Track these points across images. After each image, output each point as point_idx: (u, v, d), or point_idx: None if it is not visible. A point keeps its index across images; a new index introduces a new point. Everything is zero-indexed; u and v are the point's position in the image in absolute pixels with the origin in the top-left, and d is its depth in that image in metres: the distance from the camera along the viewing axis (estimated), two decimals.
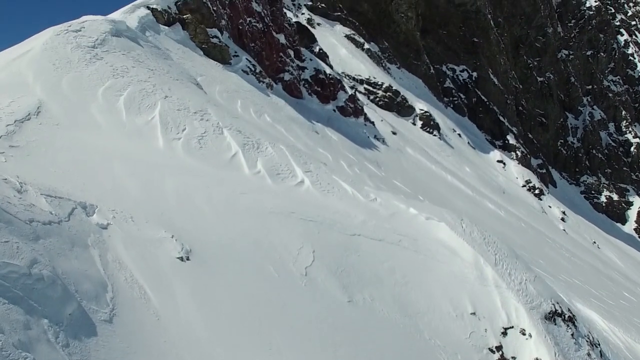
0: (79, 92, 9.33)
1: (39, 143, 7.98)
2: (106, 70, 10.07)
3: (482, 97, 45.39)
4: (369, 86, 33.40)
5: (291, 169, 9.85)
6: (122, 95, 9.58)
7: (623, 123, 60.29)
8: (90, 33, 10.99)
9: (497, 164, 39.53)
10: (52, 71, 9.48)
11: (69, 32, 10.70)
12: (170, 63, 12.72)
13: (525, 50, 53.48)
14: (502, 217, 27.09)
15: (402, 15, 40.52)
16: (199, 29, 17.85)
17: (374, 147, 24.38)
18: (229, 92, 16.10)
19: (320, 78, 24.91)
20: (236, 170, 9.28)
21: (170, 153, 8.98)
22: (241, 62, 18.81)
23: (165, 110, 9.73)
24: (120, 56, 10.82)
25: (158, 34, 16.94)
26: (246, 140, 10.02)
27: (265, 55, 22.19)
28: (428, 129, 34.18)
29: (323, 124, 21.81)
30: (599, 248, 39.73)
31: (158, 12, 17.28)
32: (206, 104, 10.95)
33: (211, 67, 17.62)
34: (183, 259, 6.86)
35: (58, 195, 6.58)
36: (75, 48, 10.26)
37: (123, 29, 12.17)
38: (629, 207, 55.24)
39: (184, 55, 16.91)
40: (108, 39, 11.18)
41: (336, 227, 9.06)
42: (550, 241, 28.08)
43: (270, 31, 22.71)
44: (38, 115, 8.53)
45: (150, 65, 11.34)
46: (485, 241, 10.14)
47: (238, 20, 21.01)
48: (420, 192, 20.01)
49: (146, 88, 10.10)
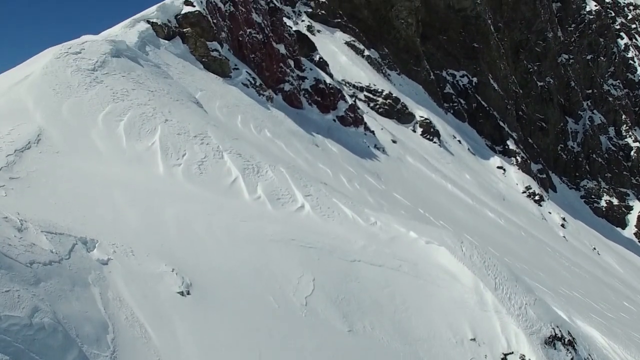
0: (79, 117, 9.33)
1: (39, 173, 7.98)
2: (106, 94, 10.07)
3: (482, 103, 45.40)
4: (369, 93, 33.41)
5: (291, 193, 9.86)
6: (122, 121, 9.58)
7: (623, 127, 60.30)
8: (90, 55, 10.99)
9: (497, 170, 39.54)
10: (52, 97, 9.48)
11: (69, 54, 10.70)
12: (170, 82, 12.72)
13: (526, 55, 53.49)
14: (502, 226, 27.09)
15: (402, 21, 40.53)
16: (199, 42, 17.85)
17: (374, 157, 24.39)
18: (229, 107, 16.12)
19: (320, 88, 24.93)
20: (236, 196, 9.28)
21: (171, 179, 8.98)
22: (241, 75, 18.82)
23: (165, 134, 9.74)
24: (121, 78, 10.82)
25: (158, 48, 16.97)
26: (246, 165, 10.02)
27: (266, 66, 22.21)
28: (428, 136, 34.19)
29: (323, 135, 21.82)
30: (599, 254, 39.76)
31: (158, 26, 17.29)
32: (206, 125, 10.95)
33: (211, 81, 17.64)
34: (183, 293, 6.86)
35: (59, 231, 6.59)
36: (76, 71, 10.26)
37: (123, 49, 12.17)
38: (629, 211, 55.26)
39: (184, 70, 16.93)
40: (108, 61, 11.18)
41: (336, 254, 9.06)
42: (550, 250, 28.09)
43: (270, 42, 22.72)
44: (38, 143, 8.54)
45: (150, 87, 11.34)
46: (485, 265, 10.14)
47: (238, 32, 21.02)
48: (420, 204, 20.00)
49: (146, 112, 10.10)
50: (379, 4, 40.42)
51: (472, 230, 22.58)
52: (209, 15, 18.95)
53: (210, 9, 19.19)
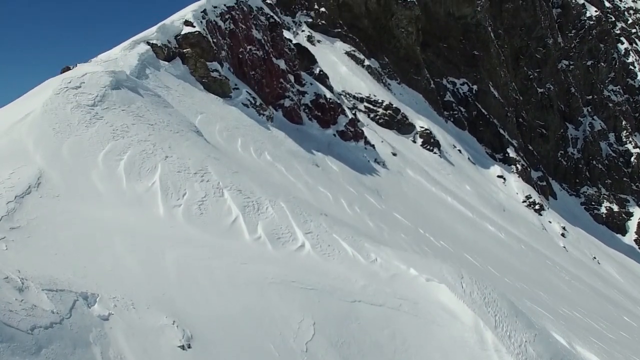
0: (79, 158, 9.33)
1: (39, 220, 7.99)
2: (106, 132, 10.06)
3: (483, 111, 45.42)
4: (370, 104, 33.42)
5: (292, 231, 9.86)
6: (123, 160, 9.58)
7: (623, 133, 60.31)
8: (90, 89, 10.99)
9: (497, 180, 39.56)
10: (52, 136, 9.48)
11: (69, 89, 10.69)
12: (170, 112, 12.72)
13: (526, 61, 53.51)
14: (502, 239, 27.10)
15: (402, 30, 40.53)
16: (199, 63, 17.86)
17: (374, 172, 24.40)
18: (229, 130, 16.14)
19: (320, 103, 24.95)
20: (237, 236, 9.29)
21: (171, 222, 8.98)
22: (241, 95, 18.82)
23: (165, 173, 9.74)
24: (121, 113, 10.82)
25: (158, 70, 16.98)
26: (246, 202, 10.02)
27: (266, 83, 22.23)
28: (428, 146, 34.20)
29: (324, 152, 21.83)
30: (599, 264, 39.78)
31: (158, 48, 17.29)
32: (206, 159, 10.96)
33: (211, 102, 17.65)
34: (184, 347, 6.86)
35: (59, 287, 6.59)
36: (76, 108, 10.25)
37: (123, 79, 12.17)
38: (629, 217, 55.27)
39: (184, 92, 16.95)
40: (108, 94, 11.18)
41: (337, 295, 9.06)
42: (550, 263, 28.10)
43: (270, 58, 22.74)
44: (38, 187, 8.54)
45: (150, 119, 11.34)
46: (485, 302, 10.14)
47: (238, 49, 21.03)
48: (420, 222, 20.00)
49: (146, 149, 10.10)
50: (379, 13, 40.42)
51: (472, 246, 22.58)
52: (209, 35, 18.95)
53: (210, 29, 19.20)
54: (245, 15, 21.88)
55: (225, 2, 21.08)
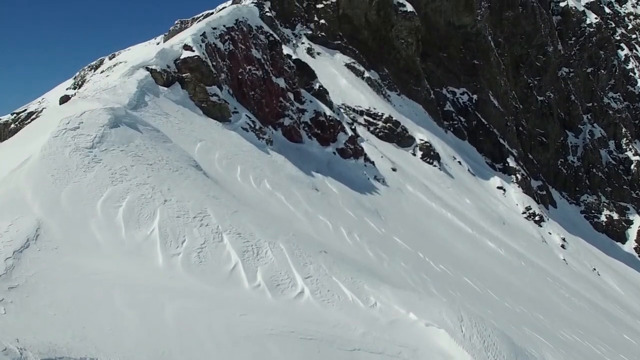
0: (78, 206, 9.31)
1: (38, 277, 7.97)
2: (105, 176, 10.04)
3: (482, 120, 45.42)
4: (369, 117, 33.43)
5: (291, 276, 9.84)
6: (121, 207, 9.55)
7: (623, 140, 60.33)
8: (88, 129, 10.97)
9: (497, 191, 39.57)
10: (51, 184, 9.46)
11: (67, 130, 10.66)
12: (169, 147, 12.70)
13: (526, 69, 53.53)
14: (502, 256, 27.10)
15: (402, 41, 40.53)
16: (198, 88, 17.84)
17: (374, 191, 24.38)
18: (228, 158, 16.11)
19: (320, 120, 24.94)
20: (236, 285, 9.26)
21: (170, 272, 8.96)
22: (241, 119, 18.79)
23: (164, 219, 9.71)
24: (119, 154, 10.79)
25: (157, 96, 16.97)
26: (246, 246, 10.01)
27: (265, 103, 22.22)
28: (428, 159, 34.20)
29: (323, 172, 21.81)
30: (599, 275, 39.78)
31: (157, 73, 17.27)
32: (205, 200, 10.94)
33: (211, 128, 17.63)
34: None
35: (58, 355, 6.56)
36: (74, 151, 10.23)
37: (121, 116, 12.15)
38: (629, 225, 55.30)
39: (184, 118, 16.93)
40: (107, 134, 11.16)
41: (336, 344, 9.04)
42: (550, 279, 28.09)
43: (270, 77, 22.72)
44: (37, 239, 8.52)
45: (149, 158, 11.32)
46: (484, 345, 10.13)
47: (238, 70, 21.01)
48: (420, 245, 19.99)
49: (145, 193, 10.08)
50: (379, 25, 40.41)
51: (472, 266, 22.58)
52: (209, 58, 18.93)
53: (210, 52, 19.18)
54: (244, 35, 21.86)
55: (224, 22, 21.06)
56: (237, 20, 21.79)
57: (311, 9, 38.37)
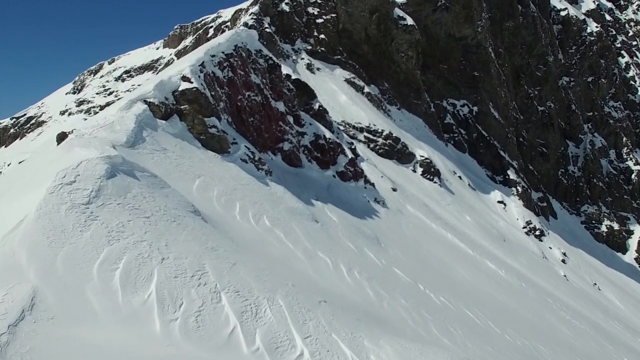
0: (74, 270, 9.17)
1: (33, 353, 7.82)
2: (102, 236, 9.91)
3: (483, 132, 45.33)
4: (369, 134, 33.32)
5: (290, 337, 9.71)
6: (118, 269, 9.41)
7: (624, 150, 60.23)
8: (85, 183, 10.84)
9: (497, 205, 39.46)
10: (46, 247, 9.32)
11: (63, 185, 10.53)
12: (167, 192, 12.58)
13: (526, 79, 53.42)
14: (502, 278, 27.00)
15: (402, 54, 40.41)
16: (197, 119, 17.71)
17: (374, 214, 24.29)
18: (227, 194, 16.00)
19: (320, 144, 24.82)
20: (235, 350, 9.12)
21: (168, 339, 8.81)
22: (240, 150, 18.67)
23: (162, 281, 9.58)
24: (116, 208, 10.67)
25: (155, 130, 16.85)
26: (244, 306, 9.88)
27: (265, 128, 22.11)
28: (428, 175, 34.10)
29: (323, 199, 21.71)
30: (599, 290, 39.69)
31: (155, 106, 17.14)
32: (204, 255, 10.82)
33: (209, 161, 17.51)
34: None
35: None
36: (70, 209, 10.10)
37: (118, 163, 12.04)
38: (630, 236, 55.21)
39: (182, 153, 16.82)
40: (103, 186, 11.03)
41: None
42: (550, 301, 27.99)
43: (269, 102, 22.61)
44: (32, 309, 8.37)
45: (146, 211, 11.20)
46: None
47: (237, 97, 20.89)
48: (420, 274, 19.89)
49: (142, 252, 9.95)
50: (379, 39, 40.27)
51: (472, 292, 22.50)
52: (207, 89, 18.80)
53: (209, 82, 19.05)
54: (243, 60, 21.74)
55: (223, 49, 20.93)
56: (236, 46, 21.66)
57: (311, 24, 38.23)
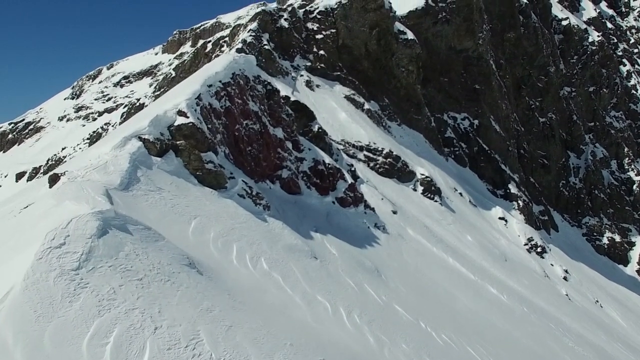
0: (62, 347, 8.77)
1: None
2: (92, 306, 9.50)
3: (484, 146, 44.97)
4: (369, 152, 32.96)
5: None
6: (109, 344, 9.02)
7: (625, 160, 59.88)
8: (75, 244, 10.44)
9: (499, 222, 39.10)
10: (33, 322, 8.91)
11: (52, 249, 10.12)
12: (161, 246, 12.19)
13: (527, 91, 53.07)
14: (504, 304, 26.68)
15: (402, 69, 40.03)
16: (193, 155, 17.34)
17: (374, 242, 23.95)
18: (224, 236, 15.65)
19: (319, 169, 24.47)
20: None
21: None
22: (237, 185, 18.29)
23: (154, 354, 9.18)
24: (108, 272, 10.27)
25: (150, 169, 16.49)
26: None
27: (263, 157, 21.75)
28: (429, 194, 33.74)
29: (322, 230, 21.37)
30: (601, 307, 39.40)
31: (150, 143, 16.75)
32: (199, 319, 10.44)
33: (206, 199, 17.16)
34: None
35: None
36: (59, 276, 9.69)
37: (110, 218, 11.65)
38: (631, 247, 54.87)
39: (178, 191, 16.46)
40: (94, 247, 10.64)
41: None
42: (553, 326, 27.66)
43: (268, 130, 22.26)
44: None
45: (139, 271, 10.81)
46: None
47: (234, 127, 20.52)
48: (421, 310, 19.55)
49: (134, 323, 9.55)
50: (379, 54, 39.88)
51: (474, 321, 22.17)
52: (204, 122, 18.42)
53: (205, 114, 18.68)
54: (241, 88, 21.38)
55: (220, 78, 20.55)
56: (233, 74, 21.30)
57: (310, 39, 37.82)
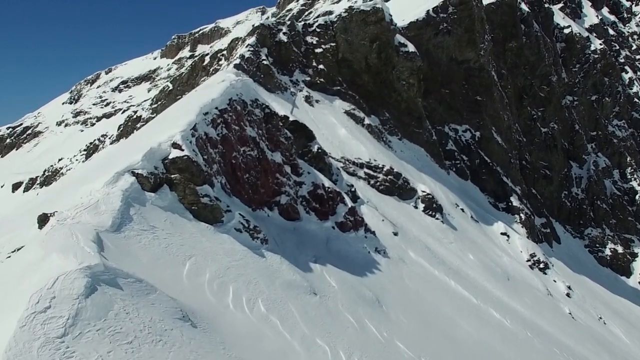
0: None
1: None
2: None
3: (485, 158, 44.43)
4: (370, 170, 32.44)
5: None
6: None
7: (628, 170, 59.33)
8: (60, 308, 9.89)
9: (501, 237, 38.57)
10: None
11: (37, 314, 9.59)
12: (153, 299, 11.68)
13: (529, 100, 52.52)
14: (507, 329, 26.19)
15: (403, 82, 39.48)
16: (188, 189, 16.80)
17: (375, 269, 23.46)
18: (220, 277, 15.15)
19: (318, 194, 23.95)
20: None
21: None
22: (234, 219, 17.75)
23: None
24: (95, 337, 9.74)
25: (144, 205, 15.95)
26: None
27: (261, 184, 21.24)
28: (430, 212, 33.21)
29: (322, 260, 20.87)
30: (605, 324, 38.93)
31: (144, 178, 16.20)
32: None
33: (201, 236, 16.63)
34: None
35: None
36: (43, 346, 9.15)
37: (99, 273, 11.10)
38: (634, 259, 54.32)
39: (172, 229, 15.94)
40: (82, 309, 10.09)
41: None
42: (557, 351, 27.18)
43: (265, 156, 21.74)
44: None
45: (129, 332, 10.29)
46: None
47: (231, 155, 20.00)
48: (423, 343, 19.06)
49: None
50: (379, 67, 39.33)
51: (476, 349, 21.73)
52: (200, 152, 17.89)
53: (201, 145, 18.15)
54: (238, 114, 20.85)
55: (217, 104, 20.00)
56: (230, 99, 20.77)
57: (309, 53, 37.25)
